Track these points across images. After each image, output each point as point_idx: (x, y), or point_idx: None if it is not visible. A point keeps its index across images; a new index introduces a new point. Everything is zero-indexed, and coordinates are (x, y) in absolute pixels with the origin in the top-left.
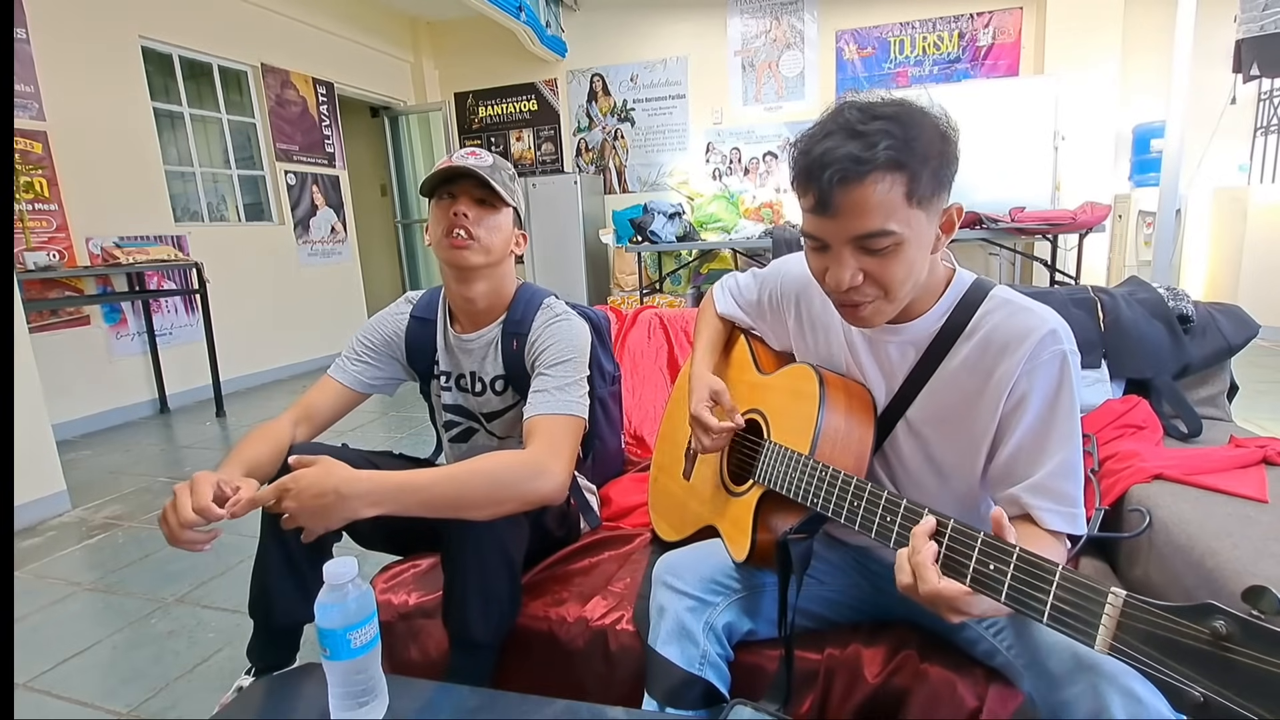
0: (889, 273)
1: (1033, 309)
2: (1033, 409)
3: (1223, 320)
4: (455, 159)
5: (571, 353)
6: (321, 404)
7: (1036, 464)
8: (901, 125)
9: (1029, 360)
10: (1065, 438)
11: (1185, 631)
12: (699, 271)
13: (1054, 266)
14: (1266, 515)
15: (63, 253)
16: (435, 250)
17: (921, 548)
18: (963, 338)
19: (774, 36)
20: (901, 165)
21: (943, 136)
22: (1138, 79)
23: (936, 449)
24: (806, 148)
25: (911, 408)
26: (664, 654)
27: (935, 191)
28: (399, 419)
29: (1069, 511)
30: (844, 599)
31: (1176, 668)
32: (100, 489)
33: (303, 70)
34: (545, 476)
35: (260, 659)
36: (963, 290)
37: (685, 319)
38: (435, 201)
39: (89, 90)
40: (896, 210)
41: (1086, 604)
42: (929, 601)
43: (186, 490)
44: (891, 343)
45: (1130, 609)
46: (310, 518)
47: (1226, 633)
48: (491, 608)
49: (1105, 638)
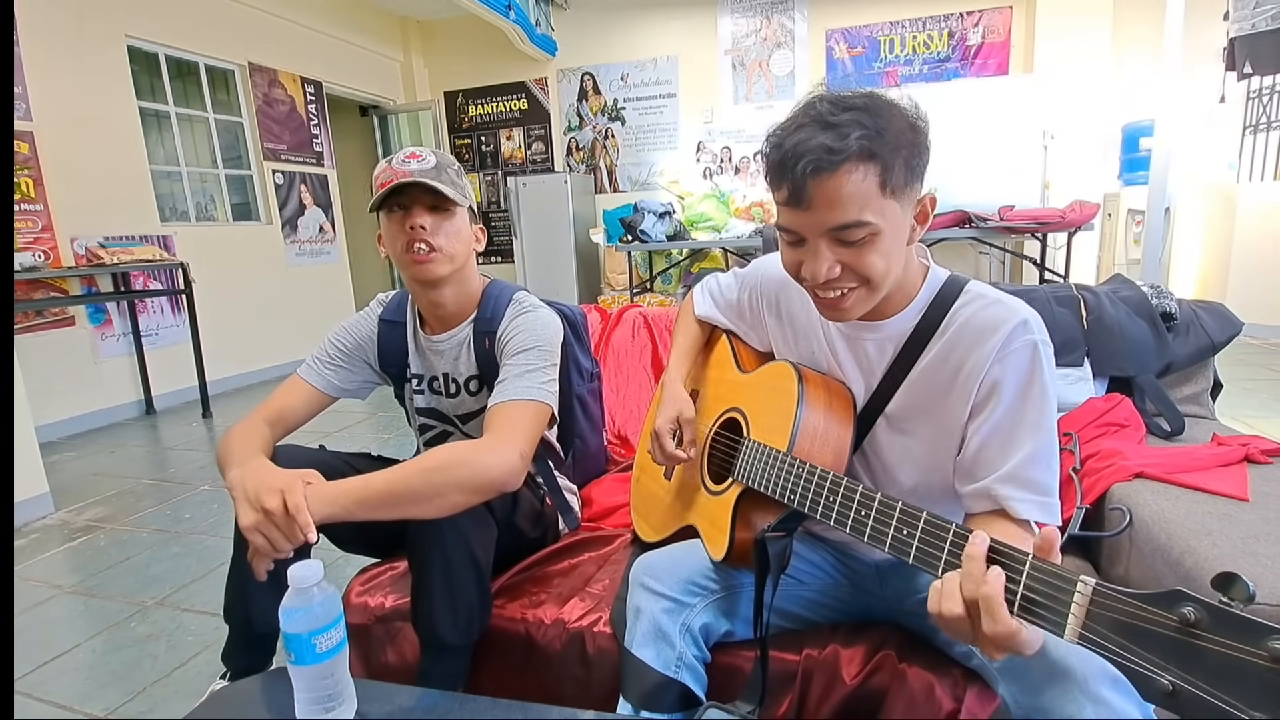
0: (866, 263)
1: (1004, 301)
2: (1004, 398)
3: (1206, 318)
4: (396, 165)
5: (534, 341)
6: (293, 406)
7: (1007, 453)
8: (872, 115)
9: (1000, 349)
10: (1037, 426)
11: (1154, 619)
12: (690, 271)
13: (1043, 265)
14: (1247, 513)
15: (47, 253)
16: (397, 265)
17: (991, 578)
18: (938, 332)
19: (764, 35)
20: (874, 155)
21: (912, 126)
22: (1127, 78)
23: (915, 444)
24: (779, 141)
25: (890, 403)
26: (640, 656)
27: (908, 181)
28: (385, 420)
29: (1043, 500)
30: (823, 599)
31: (1145, 655)
32: (84, 491)
33: (291, 69)
34: (492, 459)
35: (235, 664)
36: (938, 286)
37: (669, 318)
38: (386, 214)
39: (75, 90)
40: (871, 200)
41: (1056, 593)
42: (995, 642)
43: (285, 501)
44: (869, 340)
45: (1100, 597)
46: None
47: (1195, 619)
48: (460, 609)
49: (1075, 626)
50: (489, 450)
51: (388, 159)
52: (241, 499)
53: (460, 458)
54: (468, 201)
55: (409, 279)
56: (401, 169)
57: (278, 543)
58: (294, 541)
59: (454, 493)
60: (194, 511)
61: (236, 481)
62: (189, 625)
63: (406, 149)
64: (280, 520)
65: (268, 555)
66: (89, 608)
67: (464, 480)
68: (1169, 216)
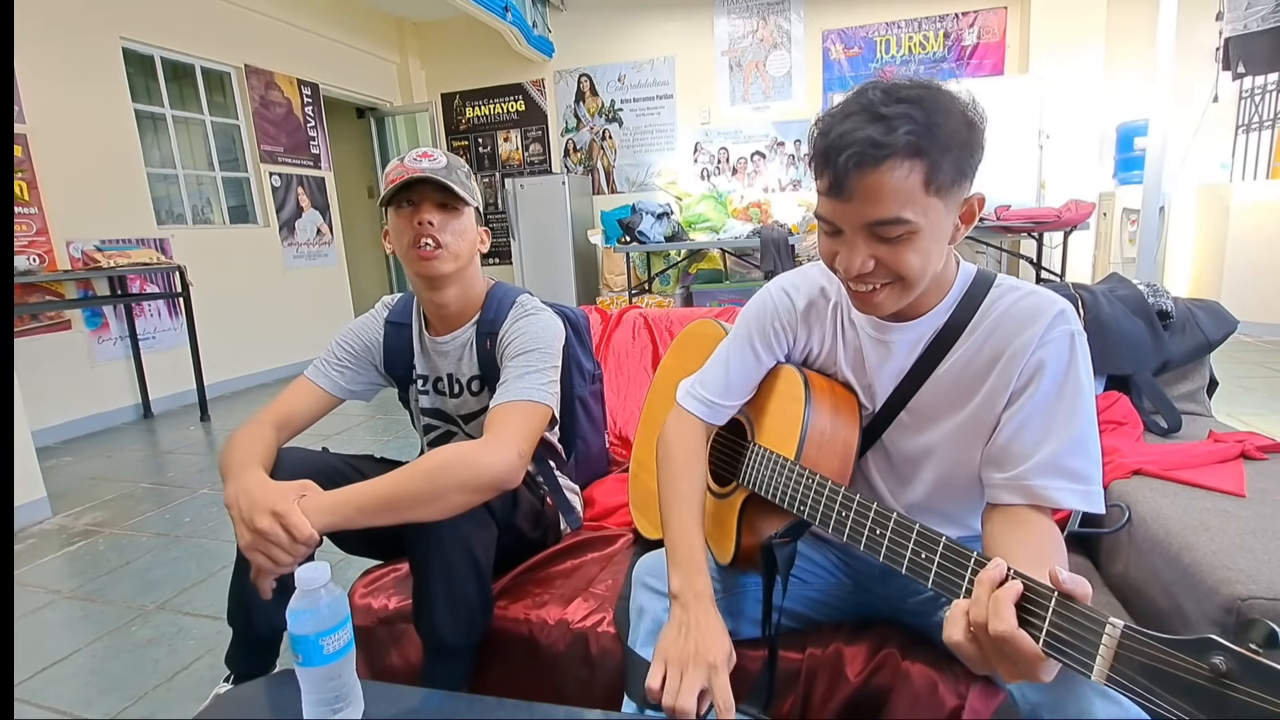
0: (902, 261)
1: (1041, 291)
2: (1044, 383)
3: (1202, 316)
4: (408, 163)
5: (536, 343)
6: (300, 407)
7: (1042, 440)
8: (925, 110)
9: (1043, 336)
10: (1074, 414)
11: (1183, 666)
12: (687, 271)
13: (1040, 264)
14: (1244, 509)
15: (43, 256)
16: (403, 261)
17: (1002, 595)
18: (971, 326)
19: (761, 36)
20: (921, 152)
21: (968, 124)
22: (1121, 78)
23: (939, 439)
24: (826, 128)
25: (914, 399)
26: (643, 655)
27: (956, 180)
28: (386, 422)
29: (1085, 489)
30: (826, 598)
31: (1174, 701)
32: (81, 495)
33: (287, 71)
34: (490, 458)
35: (239, 667)
36: (968, 281)
37: (670, 318)
38: (395, 210)
39: (69, 92)
40: (913, 198)
41: (1084, 633)
42: (999, 645)
43: (276, 520)
44: (899, 341)
45: (1128, 640)
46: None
47: (1225, 669)
48: (460, 610)
49: (1103, 669)
50: (487, 449)
51: (399, 157)
52: (237, 519)
53: (459, 457)
54: (476, 202)
55: (413, 275)
56: (413, 166)
57: (278, 559)
58: (297, 557)
59: (454, 493)
60: (194, 515)
61: (231, 500)
62: (190, 629)
63: (419, 148)
64: (278, 539)
65: (270, 573)
66: (88, 612)
67: (464, 480)
68: (1163, 215)
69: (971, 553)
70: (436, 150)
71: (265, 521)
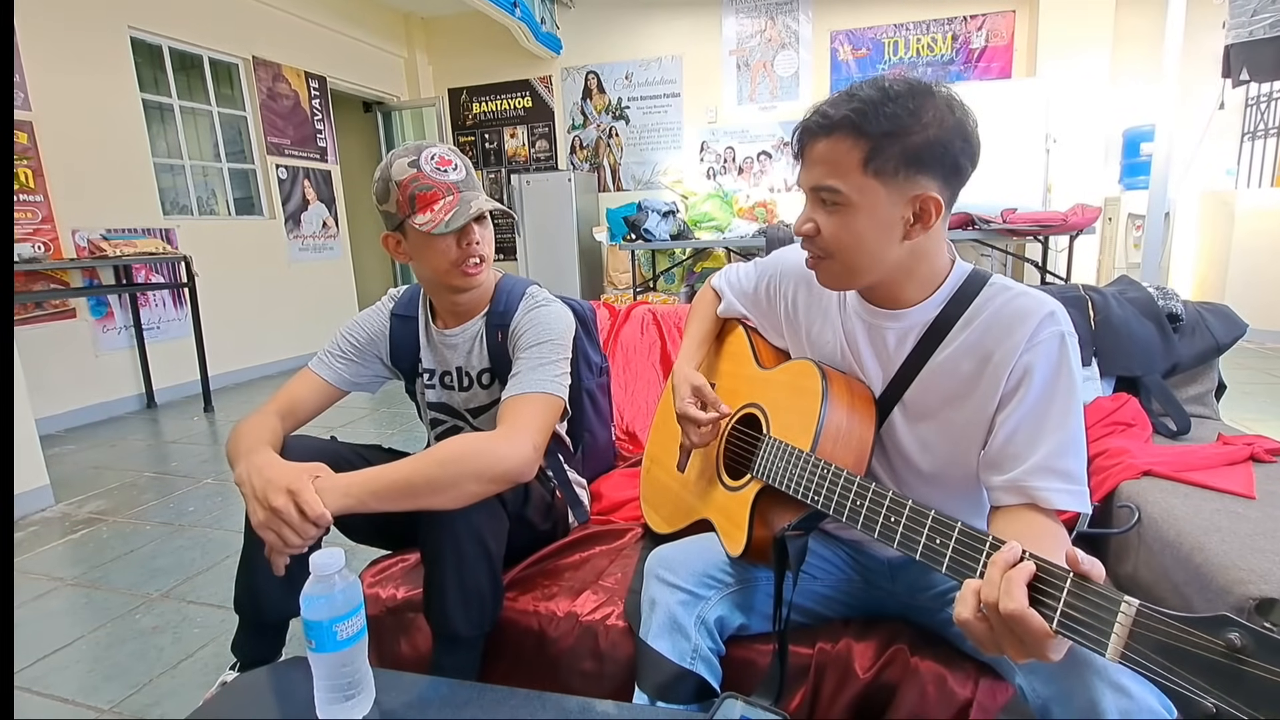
0: (831, 231)
1: (1031, 293)
2: (1033, 387)
3: (1212, 319)
4: (431, 174)
5: (547, 334)
6: (304, 398)
7: (1036, 443)
8: (890, 99)
9: (1030, 339)
10: (1065, 415)
11: (1199, 643)
12: (692, 270)
13: (1045, 268)
14: (1254, 511)
15: (48, 244)
16: (440, 276)
17: (1014, 575)
18: (961, 323)
19: (769, 36)
20: (862, 131)
21: (939, 124)
22: (1128, 83)
23: (933, 434)
24: (811, 108)
25: (908, 393)
26: (655, 647)
27: (902, 169)
28: (389, 415)
29: (1076, 490)
30: (836, 594)
31: (1189, 678)
32: (84, 484)
33: (295, 64)
34: (506, 450)
35: (245, 654)
36: (961, 279)
37: (678, 315)
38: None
39: (76, 80)
40: (849, 172)
41: (1098, 612)
42: (1009, 624)
43: (290, 498)
44: (890, 329)
45: (1143, 618)
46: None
47: (1241, 645)
48: (471, 600)
49: (1117, 646)
50: (503, 441)
51: (413, 164)
52: (250, 496)
53: (475, 448)
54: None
55: (447, 286)
56: (439, 179)
57: (290, 539)
58: (307, 538)
59: (469, 483)
60: (197, 505)
61: (243, 478)
62: (195, 618)
63: (430, 151)
64: (290, 518)
65: (282, 552)
66: (92, 600)
67: (479, 470)
68: (1168, 221)
69: (987, 536)
70: (450, 152)
71: (280, 499)
